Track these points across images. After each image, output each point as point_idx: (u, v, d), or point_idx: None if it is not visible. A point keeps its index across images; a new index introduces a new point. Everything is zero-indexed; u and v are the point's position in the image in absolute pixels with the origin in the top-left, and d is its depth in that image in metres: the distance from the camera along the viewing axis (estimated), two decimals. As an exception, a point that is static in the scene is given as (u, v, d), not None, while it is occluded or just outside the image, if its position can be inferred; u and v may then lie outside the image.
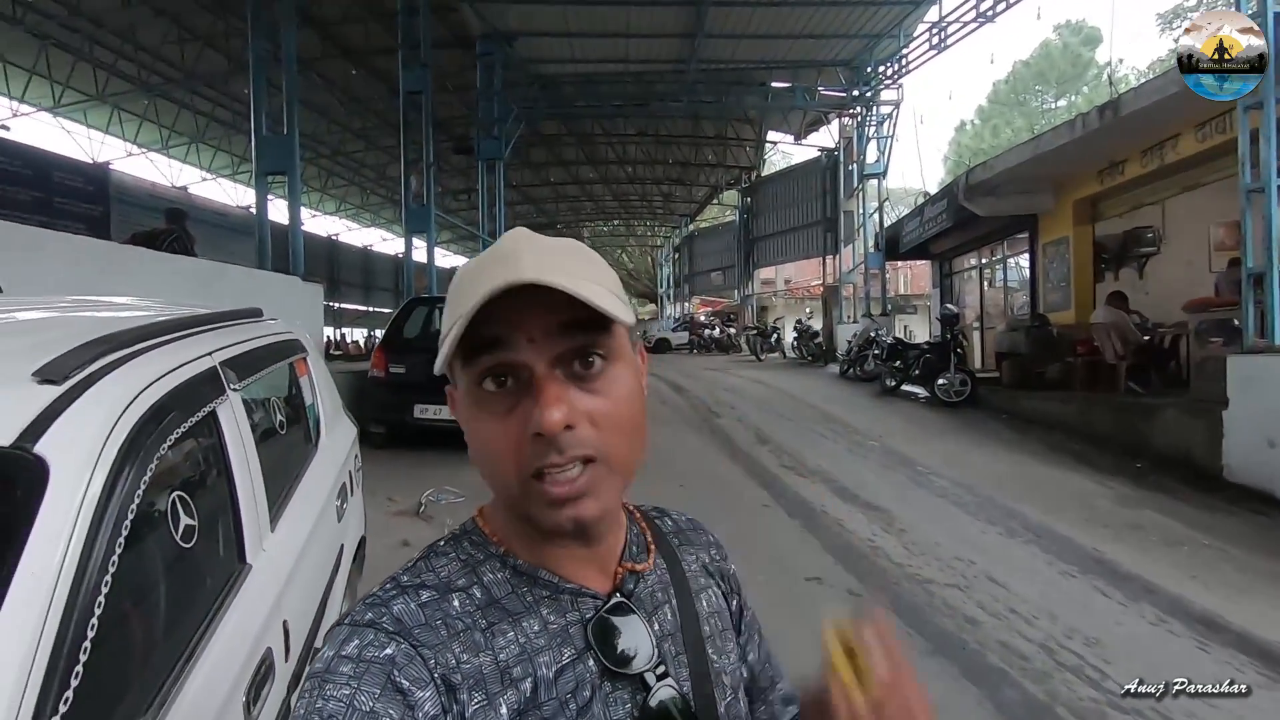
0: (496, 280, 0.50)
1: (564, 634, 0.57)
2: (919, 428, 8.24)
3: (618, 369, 0.56)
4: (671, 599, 0.65)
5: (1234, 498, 5.37)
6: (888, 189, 15.61)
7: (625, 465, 0.56)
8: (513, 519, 0.59)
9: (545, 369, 0.53)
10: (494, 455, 0.54)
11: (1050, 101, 26.74)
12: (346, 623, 0.54)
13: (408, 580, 0.57)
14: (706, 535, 0.75)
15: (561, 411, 0.51)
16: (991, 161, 9.71)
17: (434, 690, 0.50)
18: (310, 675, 0.50)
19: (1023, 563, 4.33)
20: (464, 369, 0.55)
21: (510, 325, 0.53)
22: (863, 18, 12.63)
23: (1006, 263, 12.34)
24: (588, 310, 0.52)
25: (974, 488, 5.78)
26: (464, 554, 0.60)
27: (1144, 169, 7.87)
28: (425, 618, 0.54)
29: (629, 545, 0.65)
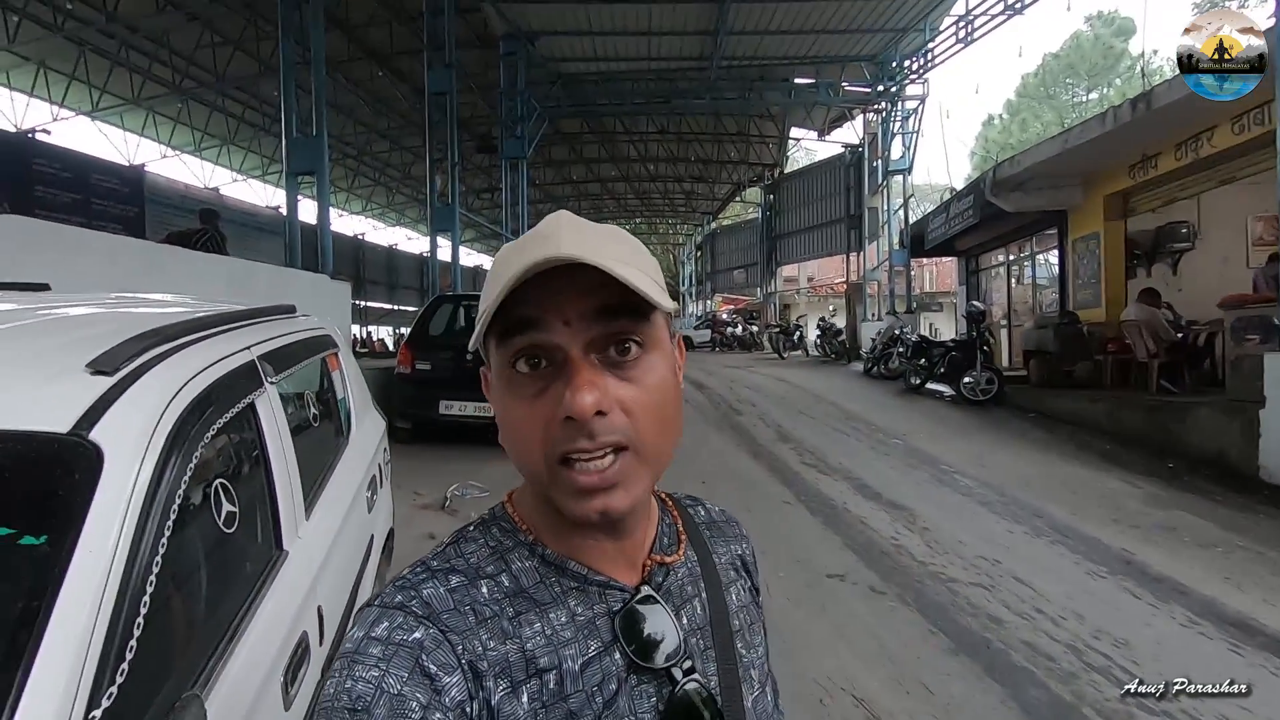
0: (534, 256, 0.49)
1: (591, 626, 0.56)
2: (943, 426, 8.15)
3: (654, 357, 0.55)
4: (701, 592, 0.64)
5: (1271, 499, 5.25)
6: (913, 185, 15.40)
7: (657, 456, 0.55)
8: (541, 506, 0.58)
9: (579, 352, 0.52)
10: (523, 438, 0.53)
11: (1081, 94, 26.17)
12: (376, 604, 0.53)
13: (437, 565, 0.56)
14: (738, 529, 0.75)
15: (594, 395, 0.50)
16: (1019, 156, 9.55)
17: (461, 676, 0.50)
18: (341, 655, 0.51)
19: (1049, 563, 4.27)
20: (497, 348, 0.54)
21: (546, 306, 0.52)
22: (888, 12, 12.49)
23: (1035, 259, 12.13)
24: (626, 295, 0.51)
25: (999, 487, 5.71)
26: (493, 540, 0.59)
27: (1178, 163, 7.69)
28: (454, 603, 0.53)
29: (659, 537, 0.64)
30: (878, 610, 3.61)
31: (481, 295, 0.56)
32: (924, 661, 3.08)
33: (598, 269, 0.49)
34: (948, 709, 2.67)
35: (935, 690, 2.79)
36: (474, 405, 6.77)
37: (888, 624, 3.46)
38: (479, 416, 6.78)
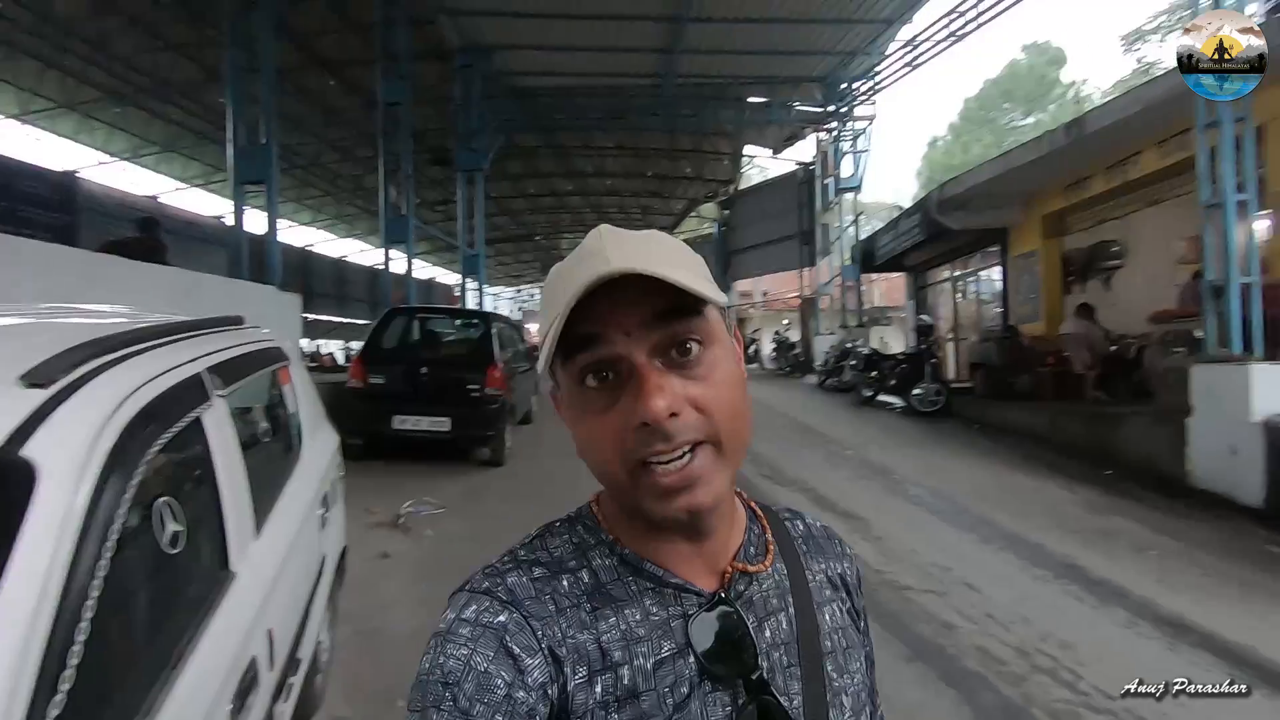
0: (587, 276, 0.51)
1: (665, 627, 0.57)
2: (895, 437, 8.36)
3: (715, 352, 0.56)
4: (789, 607, 0.63)
5: (1198, 503, 5.52)
6: (863, 203, 15.87)
7: (733, 449, 0.55)
8: (623, 509, 0.60)
9: (644, 359, 0.53)
10: (600, 450, 0.54)
11: (1018, 119, 27.44)
12: (465, 589, 0.57)
13: (524, 555, 0.59)
14: (840, 547, 0.72)
15: (665, 399, 0.51)
16: (963, 176, 9.93)
17: (542, 659, 0.53)
18: (434, 634, 0.54)
19: (998, 569, 4.40)
20: (564, 368, 0.56)
21: (604, 321, 0.53)
22: (837, 35, 12.89)
23: (978, 275, 12.59)
24: (678, 296, 0.53)
25: (949, 496, 5.87)
26: (577, 537, 0.61)
27: (1108, 185, 8.12)
28: (535, 592, 0.56)
29: (746, 545, 0.63)
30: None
31: (540, 320, 0.58)
32: (881, 668, 3.11)
33: (648, 277, 0.51)
34: (907, 714, 2.72)
35: (893, 696, 2.84)
36: (429, 420, 6.64)
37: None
38: (434, 432, 6.64)
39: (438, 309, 12.42)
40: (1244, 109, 5.47)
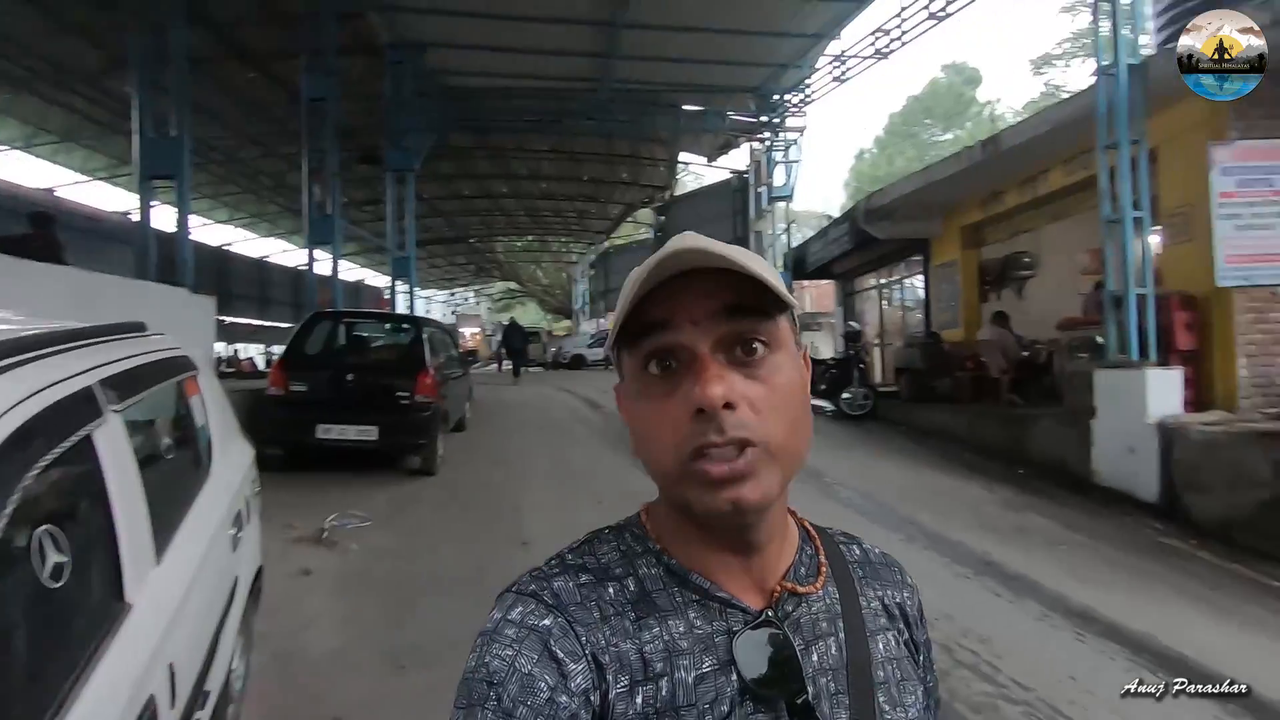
0: (663, 260, 0.53)
1: (708, 641, 0.56)
2: (826, 441, 8.58)
3: (780, 357, 0.56)
4: (839, 633, 0.61)
5: (1103, 500, 5.90)
6: (794, 211, 16.30)
7: (787, 454, 0.55)
8: (672, 517, 0.60)
9: (707, 350, 0.54)
10: (655, 437, 0.55)
11: (938, 134, 28.83)
12: (513, 590, 0.57)
13: (571, 560, 0.60)
14: (900, 576, 0.70)
15: (722, 387, 0.52)
16: (888, 188, 10.34)
17: (586, 665, 0.53)
18: (480, 634, 0.55)
19: (922, 567, 4.56)
20: (629, 354, 0.57)
21: (674, 308, 0.54)
22: (769, 47, 13.21)
23: (903, 283, 13.12)
24: (751, 295, 0.54)
25: (877, 497, 6.07)
26: (624, 545, 0.61)
27: (1021, 199, 8.60)
28: (581, 598, 0.56)
29: (797, 565, 0.62)
30: (770, 623, 3.69)
31: (615, 311, 0.59)
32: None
33: (723, 273, 0.53)
34: None
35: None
36: (355, 429, 6.37)
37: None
38: (360, 441, 6.39)
39: (365, 313, 12.00)
40: (1138, 132, 5.90)
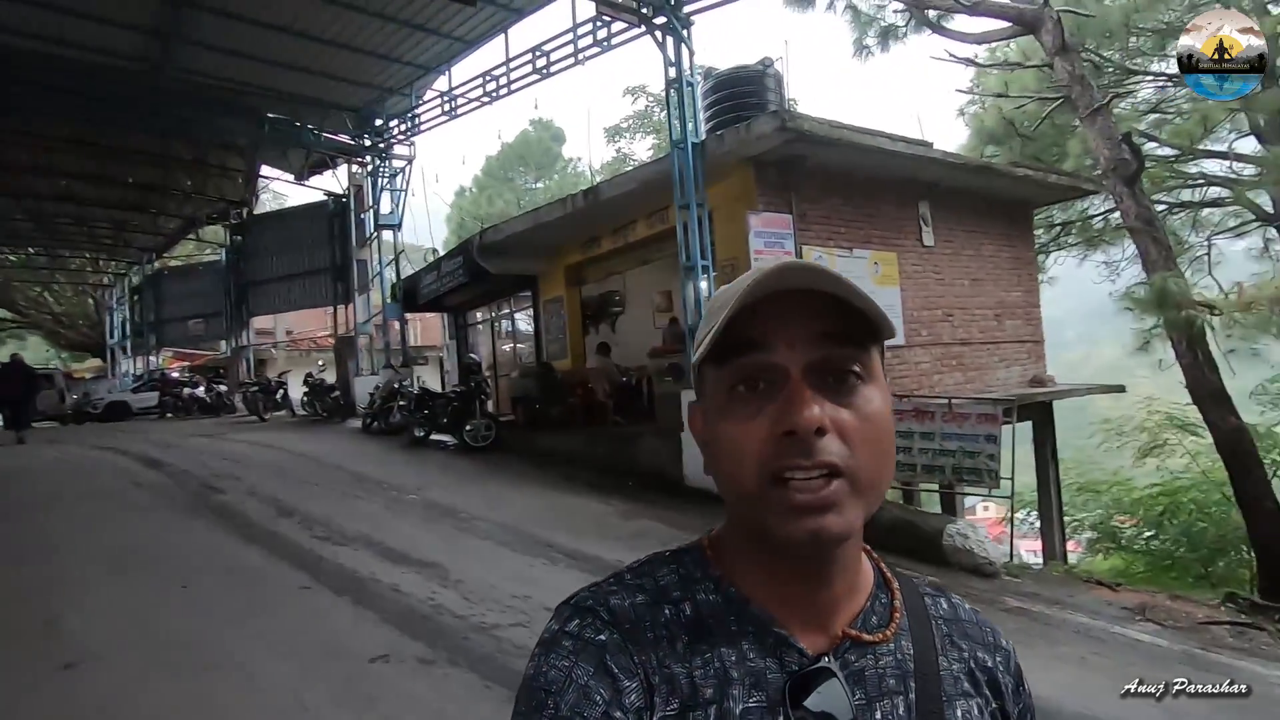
0: (763, 279, 0.52)
1: (759, 676, 0.54)
2: (454, 475, 8.38)
3: (871, 389, 0.55)
4: (909, 693, 0.56)
5: (692, 498, 7.02)
6: (404, 242, 15.73)
7: (873, 487, 0.53)
8: (738, 542, 0.58)
9: (799, 374, 0.53)
10: (737, 457, 0.53)
11: (531, 182, 31.40)
12: (571, 603, 0.58)
13: (630, 579, 0.59)
14: (994, 638, 0.64)
15: (819, 408, 0.51)
16: (501, 226, 10.77)
17: (639, 683, 0.52)
18: (539, 643, 0.56)
19: (569, 586, 4.54)
20: (717, 371, 0.55)
21: (770, 328, 0.53)
22: (373, 69, 12.61)
23: (514, 316, 13.76)
24: (849, 322, 0.53)
25: (514, 526, 6.13)
26: (684, 569, 0.60)
27: (614, 245, 9.85)
28: (636, 617, 0.55)
29: (867, 613, 0.59)
30: (432, 682, 3.37)
31: (700, 327, 0.58)
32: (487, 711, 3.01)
33: (820, 297, 0.52)
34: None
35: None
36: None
37: (445, 693, 3.27)
38: None
39: None
40: (702, 197, 7.33)
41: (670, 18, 7.38)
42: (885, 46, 9.95)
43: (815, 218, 7.80)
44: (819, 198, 7.88)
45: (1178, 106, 12.47)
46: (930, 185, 8.66)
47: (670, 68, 7.49)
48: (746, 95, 8.32)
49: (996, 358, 9.67)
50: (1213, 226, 12.69)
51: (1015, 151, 11.52)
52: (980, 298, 9.58)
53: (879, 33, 9.85)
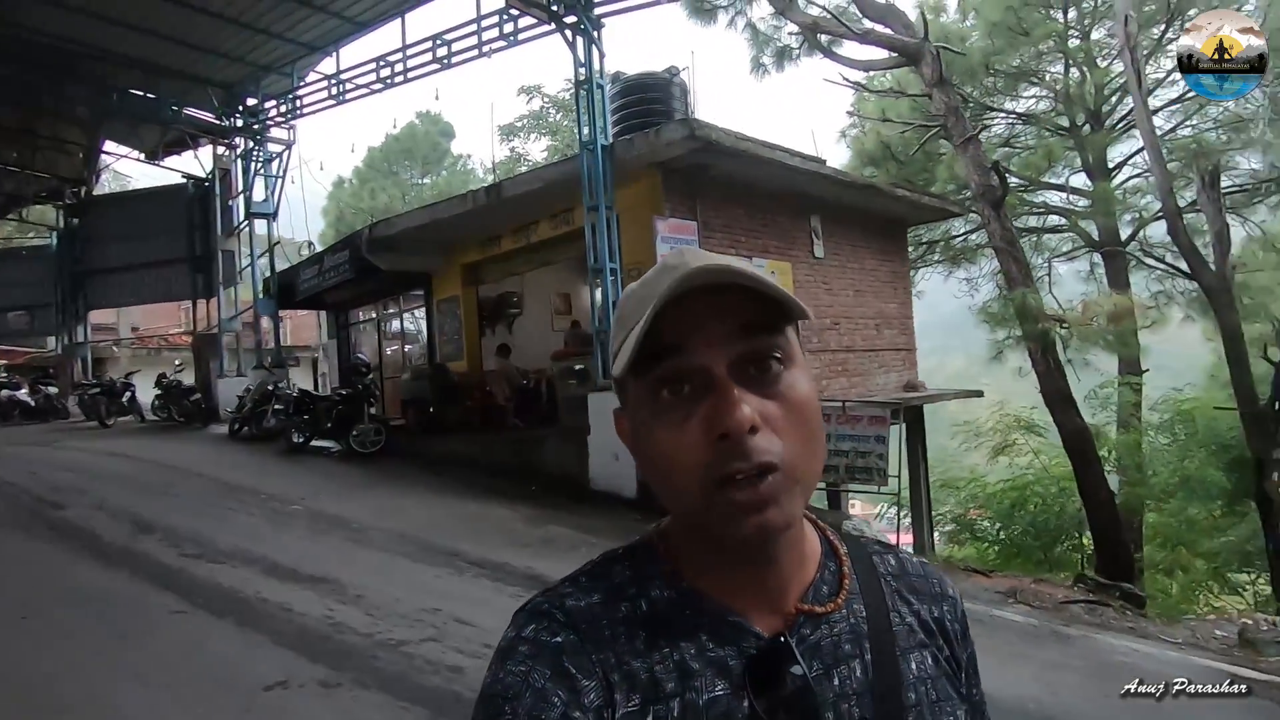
0: (674, 281, 0.52)
1: (720, 665, 0.55)
2: (342, 483, 7.84)
3: (794, 373, 0.55)
4: (865, 653, 0.58)
5: (599, 502, 6.98)
6: (279, 233, 14.49)
7: (808, 472, 0.54)
8: (688, 538, 0.59)
9: (724, 372, 0.53)
10: (674, 465, 0.53)
11: (417, 177, 30.11)
12: (526, 609, 0.58)
13: (584, 581, 0.59)
14: (940, 585, 0.66)
15: (749, 407, 0.51)
16: (394, 220, 10.23)
17: (597, 682, 0.53)
18: (496, 652, 0.55)
19: (479, 596, 4.57)
20: (638, 379, 0.55)
21: (687, 330, 0.53)
22: (248, 43, 11.54)
23: (404, 315, 13.11)
24: (765, 311, 0.54)
25: (414, 535, 5.82)
26: (636, 566, 0.60)
27: (515, 245, 9.62)
28: (593, 617, 0.56)
29: (817, 584, 0.60)
30: (339, 707, 3.12)
31: (613, 334, 0.59)
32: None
33: (733, 289, 0.53)
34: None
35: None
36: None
37: (356, 718, 3.03)
38: None
39: None
40: (610, 200, 7.32)
41: (581, 17, 7.33)
42: (780, 66, 10.45)
43: (718, 225, 8.02)
44: (721, 206, 8.11)
45: (1025, 142, 14.03)
46: (821, 200, 9.15)
47: (580, 68, 7.44)
48: (653, 102, 8.42)
49: (876, 364, 10.36)
50: (1051, 250, 14.31)
51: (891, 174, 12.44)
52: (862, 308, 10.23)
53: (775, 53, 10.33)
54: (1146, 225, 12.78)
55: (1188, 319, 12.46)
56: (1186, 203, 9.22)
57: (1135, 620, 5.05)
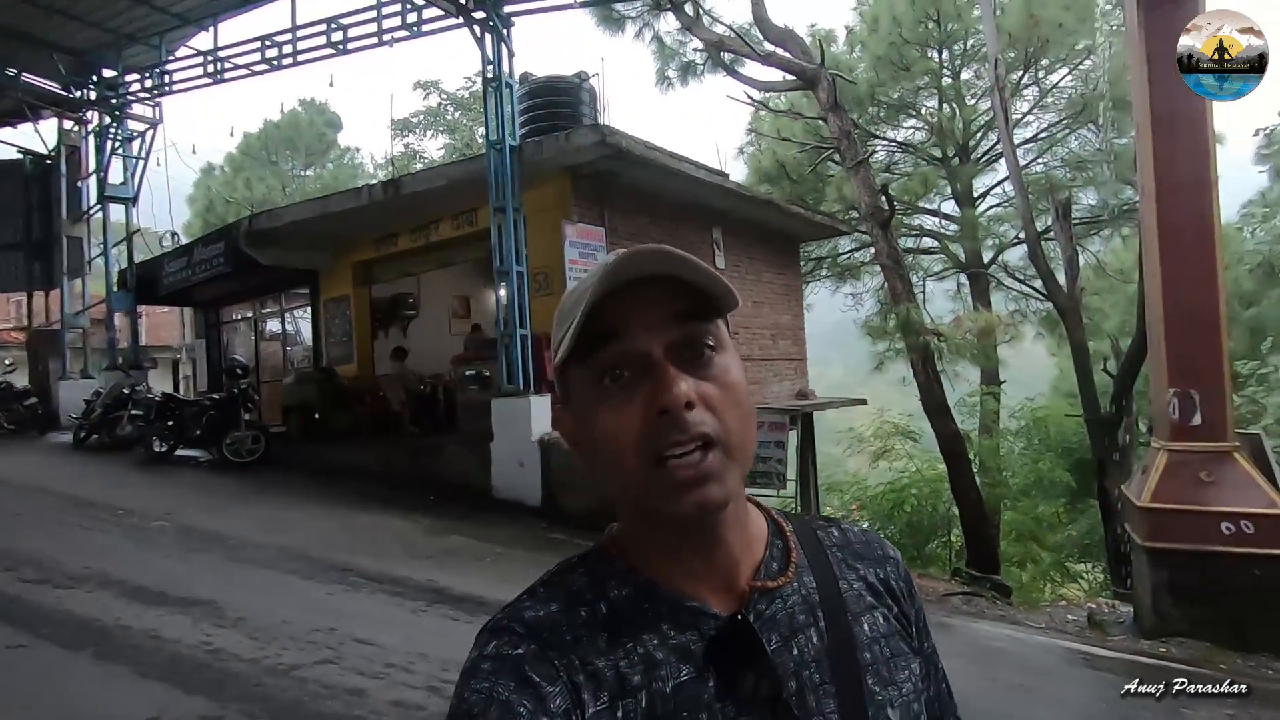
0: (612, 275, 0.55)
1: (684, 651, 0.56)
2: (215, 496, 7.16)
3: (726, 358, 0.58)
4: (819, 621, 0.61)
5: (502, 510, 6.80)
6: (139, 221, 13.05)
7: (742, 450, 0.57)
8: (638, 532, 0.61)
9: (661, 354, 0.55)
10: (617, 446, 0.55)
11: (300, 169, 28.22)
12: (488, 628, 0.58)
13: (542, 591, 0.60)
14: (882, 549, 0.69)
15: (686, 384, 0.54)
16: (279, 211, 9.53)
17: (562, 687, 0.53)
18: (461, 673, 0.56)
19: (379, 613, 4.31)
20: (580, 367, 0.57)
21: (626, 316, 0.55)
22: (106, 7, 10.34)
23: (286, 315, 12.21)
24: (698, 299, 0.56)
25: (301, 550, 5.42)
26: (593, 570, 0.61)
27: (412, 244, 9.22)
28: (553, 624, 0.56)
29: (766, 561, 0.62)
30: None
31: (554, 330, 0.60)
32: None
33: (669, 280, 0.55)
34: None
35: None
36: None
37: (247, 754, 2.76)
38: None
39: None
40: (518, 201, 7.18)
41: (491, 14, 7.16)
42: (685, 81, 10.70)
43: (625, 233, 8.07)
44: (629, 214, 8.17)
45: (904, 169, 15.15)
46: (724, 214, 9.42)
47: (489, 65, 7.26)
48: (562, 106, 8.36)
49: (771, 373, 10.78)
50: (924, 270, 15.52)
51: (785, 191, 13.04)
52: (760, 319, 10.62)
53: (681, 67, 10.56)
54: (1005, 250, 14.17)
55: (1039, 335, 13.92)
56: (1041, 229, 10.27)
57: (1005, 609, 5.54)
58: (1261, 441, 5.47)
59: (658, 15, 10.20)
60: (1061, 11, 11.45)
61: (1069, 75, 13.20)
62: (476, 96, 15.66)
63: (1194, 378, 5.07)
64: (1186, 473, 4.95)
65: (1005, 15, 11.89)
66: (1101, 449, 7.87)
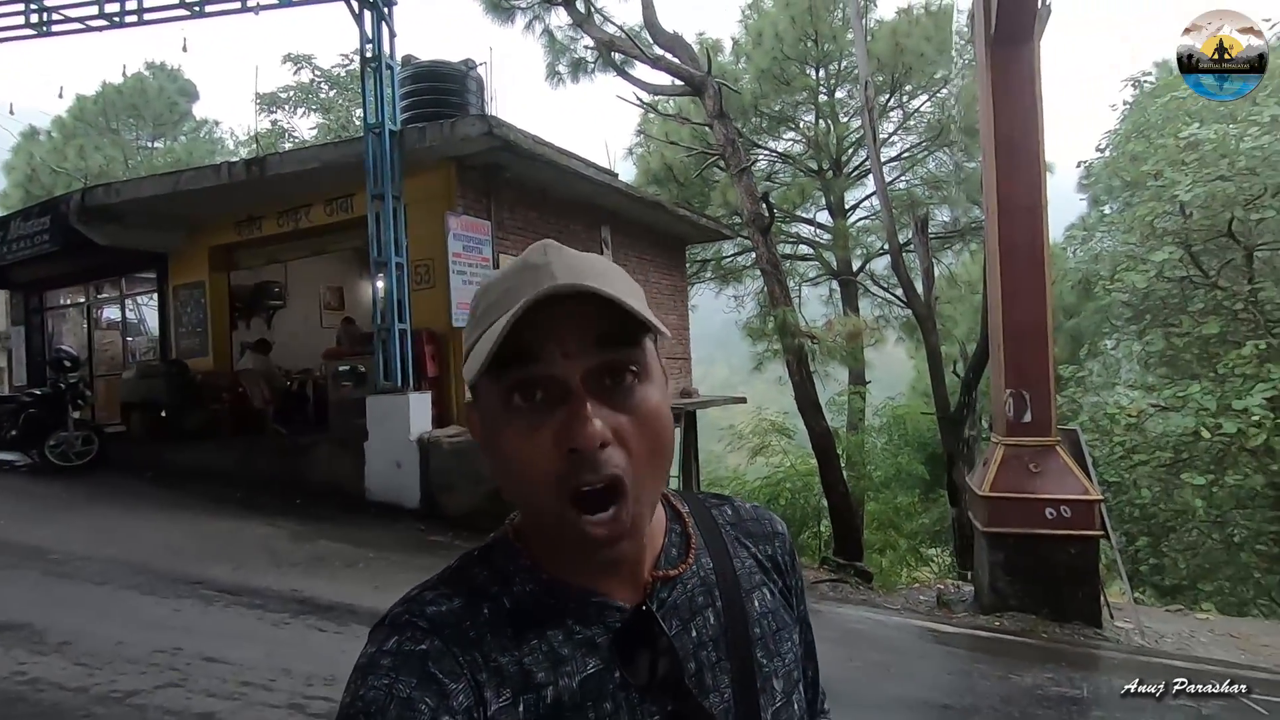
0: (533, 289, 0.51)
1: (589, 644, 0.56)
2: (33, 504, 6.31)
3: (647, 387, 0.55)
4: (716, 601, 0.62)
5: (377, 513, 6.47)
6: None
7: (654, 491, 0.56)
8: (542, 534, 0.59)
9: (579, 384, 0.52)
10: (525, 472, 0.53)
11: (148, 140, 25.41)
12: (386, 622, 0.56)
13: (444, 587, 0.58)
14: (771, 525, 0.71)
15: (598, 423, 0.51)
16: (121, 186, 8.51)
17: (466, 683, 0.52)
18: (355, 669, 0.54)
19: (234, 628, 3.98)
20: (491, 383, 0.55)
21: (544, 337, 0.52)
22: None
23: (127, 302, 10.96)
24: (622, 324, 0.53)
25: (142, 563, 4.89)
26: (496, 564, 0.60)
27: (280, 229, 8.55)
28: (456, 620, 0.55)
29: (666, 549, 0.63)
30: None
31: (467, 329, 0.58)
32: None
33: (593, 298, 0.51)
34: None
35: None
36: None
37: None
38: None
39: None
40: (399, 189, 6.85)
41: (371, -10, 6.78)
42: (576, 78, 10.65)
43: (512, 227, 7.92)
44: (517, 208, 8.02)
45: (783, 179, 15.92)
46: (613, 212, 9.47)
47: (369, 44, 6.87)
48: (447, 93, 8.06)
49: (657, 371, 10.98)
50: (800, 275, 16.40)
51: (672, 194, 13.33)
52: (647, 318, 10.77)
53: (571, 64, 10.50)
54: (872, 259, 15.26)
55: (900, 339, 15.10)
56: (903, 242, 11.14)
57: (867, 593, 5.96)
58: (1078, 436, 6.24)
59: (549, 9, 10.09)
60: (924, 42, 12.49)
61: (928, 101, 14.43)
62: (354, 75, 14.77)
63: (1026, 380, 5.70)
64: (1019, 464, 5.57)
65: (875, 41, 12.80)
66: (951, 444, 8.66)
